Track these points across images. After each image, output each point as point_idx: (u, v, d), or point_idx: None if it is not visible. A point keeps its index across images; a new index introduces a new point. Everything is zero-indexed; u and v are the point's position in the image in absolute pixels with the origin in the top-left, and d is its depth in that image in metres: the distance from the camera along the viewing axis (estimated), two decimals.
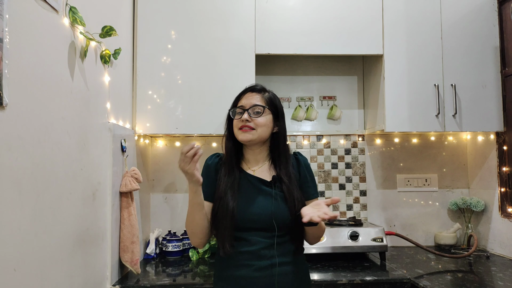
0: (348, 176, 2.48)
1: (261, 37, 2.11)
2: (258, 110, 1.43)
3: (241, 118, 1.42)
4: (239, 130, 1.43)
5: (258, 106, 1.43)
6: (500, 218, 2.21)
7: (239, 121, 1.43)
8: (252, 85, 1.52)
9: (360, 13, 2.16)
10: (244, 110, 1.43)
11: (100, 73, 1.61)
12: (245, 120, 1.41)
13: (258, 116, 1.42)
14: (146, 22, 2.06)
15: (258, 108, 1.43)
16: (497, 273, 1.83)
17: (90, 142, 1.49)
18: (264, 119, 1.43)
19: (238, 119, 1.44)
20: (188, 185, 1.31)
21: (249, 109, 1.42)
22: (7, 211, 0.98)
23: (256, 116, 1.42)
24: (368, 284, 1.73)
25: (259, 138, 1.43)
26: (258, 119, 1.42)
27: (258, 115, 1.42)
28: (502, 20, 2.19)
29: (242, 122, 1.41)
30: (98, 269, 1.56)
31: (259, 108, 1.43)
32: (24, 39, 1.07)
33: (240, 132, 1.43)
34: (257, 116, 1.42)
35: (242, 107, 1.45)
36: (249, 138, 1.41)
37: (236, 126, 1.44)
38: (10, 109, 1.00)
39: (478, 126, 2.16)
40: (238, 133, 1.43)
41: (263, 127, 1.43)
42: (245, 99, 1.46)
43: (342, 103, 2.53)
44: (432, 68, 2.16)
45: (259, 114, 1.43)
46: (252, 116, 1.42)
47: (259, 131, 1.42)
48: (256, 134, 1.42)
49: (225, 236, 1.35)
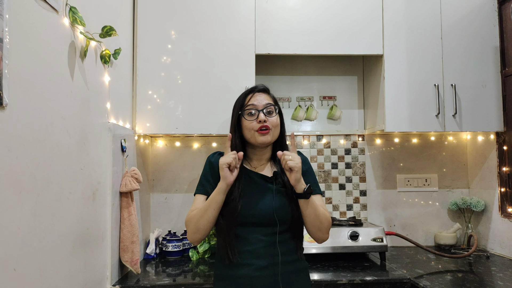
0: (348, 176, 2.49)
1: (261, 37, 2.11)
2: (270, 109, 1.42)
3: (257, 119, 1.39)
4: (256, 132, 1.39)
5: (271, 105, 1.43)
6: (500, 218, 2.21)
7: (254, 122, 1.39)
8: (256, 86, 1.49)
9: (360, 13, 2.16)
10: (258, 110, 1.41)
11: (100, 73, 1.61)
12: (263, 121, 1.38)
13: (271, 116, 1.42)
14: (146, 22, 2.06)
15: (271, 107, 1.42)
16: (497, 273, 1.83)
17: (90, 142, 1.49)
18: (276, 119, 1.43)
19: (253, 120, 1.40)
20: (221, 182, 1.32)
21: (264, 109, 1.41)
22: (7, 211, 0.98)
23: (270, 116, 1.41)
24: (368, 284, 1.73)
25: (274, 138, 1.43)
26: (272, 119, 1.41)
27: (271, 115, 1.42)
28: (502, 20, 2.19)
29: (259, 123, 1.38)
30: (98, 269, 1.56)
31: (271, 107, 1.42)
32: (24, 39, 1.07)
33: (258, 134, 1.39)
34: (271, 116, 1.42)
35: (255, 106, 1.41)
36: (269, 140, 1.41)
37: (252, 128, 1.40)
38: (10, 109, 1.00)
39: (478, 126, 2.16)
40: (257, 135, 1.39)
41: (277, 127, 1.43)
42: (255, 99, 1.43)
43: (342, 103, 2.53)
44: (432, 68, 2.16)
45: (271, 114, 1.42)
46: (267, 116, 1.41)
47: (274, 131, 1.42)
48: (272, 135, 1.41)
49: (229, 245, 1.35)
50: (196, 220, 1.36)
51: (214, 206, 1.33)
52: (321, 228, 1.38)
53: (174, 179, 2.40)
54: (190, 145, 2.42)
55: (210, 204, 1.34)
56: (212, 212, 1.34)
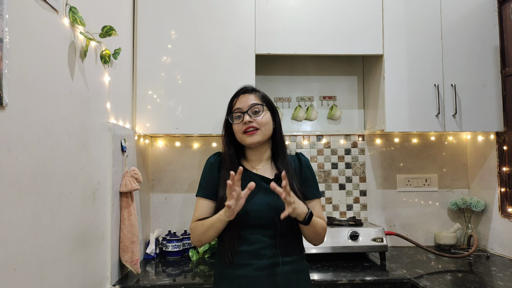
0: (348, 176, 2.48)
1: (261, 37, 2.11)
2: (257, 109, 1.42)
3: (242, 121, 1.40)
4: (244, 134, 1.40)
5: (256, 104, 1.42)
6: (500, 218, 2.21)
7: (240, 124, 1.41)
8: (242, 87, 1.50)
9: (360, 13, 2.16)
10: (243, 112, 1.41)
11: (100, 73, 1.61)
12: (248, 122, 1.39)
13: (258, 115, 1.41)
14: (146, 22, 2.06)
15: (257, 107, 1.42)
16: (497, 273, 1.83)
17: (90, 142, 1.49)
18: (265, 117, 1.43)
19: (239, 123, 1.41)
20: (223, 215, 1.29)
21: (248, 110, 1.41)
22: (7, 211, 0.98)
23: (256, 116, 1.41)
24: (368, 284, 1.73)
25: (265, 137, 1.43)
26: (259, 118, 1.41)
27: (258, 114, 1.41)
28: (502, 20, 2.19)
29: (244, 124, 1.39)
30: (98, 269, 1.56)
31: (257, 107, 1.42)
32: (24, 39, 1.07)
33: (245, 136, 1.40)
34: (257, 115, 1.41)
35: (240, 109, 1.43)
36: (257, 140, 1.41)
37: (240, 130, 1.42)
38: (10, 109, 1.00)
39: (478, 126, 2.16)
40: (244, 137, 1.41)
41: (266, 125, 1.42)
42: (240, 101, 1.44)
43: (342, 103, 2.53)
44: (432, 68, 2.16)
45: (258, 113, 1.42)
46: (253, 116, 1.41)
47: (263, 130, 1.41)
48: (262, 134, 1.41)
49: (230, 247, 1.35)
50: (199, 234, 1.39)
51: (214, 230, 1.34)
52: (319, 238, 1.43)
53: (174, 179, 2.40)
54: (190, 145, 2.42)
55: (211, 227, 1.34)
56: (213, 233, 1.35)
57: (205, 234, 1.37)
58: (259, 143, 1.42)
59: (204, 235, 1.37)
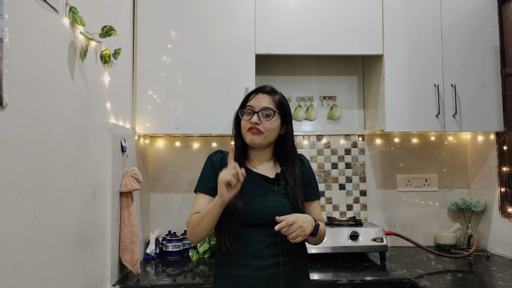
0: (348, 176, 2.48)
1: (261, 37, 2.11)
2: (268, 113, 1.41)
3: (250, 120, 1.40)
4: (247, 131, 1.41)
5: (268, 109, 1.41)
6: (500, 218, 2.21)
7: (247, 122, 1.41)
8: (262, 86, 1.49)
9: (360, 13, 2.16)
10: (254, 112, 1.41)
11: (100, 73, 1.61)
12: (254, 123, 1.39)
13: (267, 119, 1.40)
14: (146, 22, 2.06)
15: (268, 111, 1.41)
16: (497, 273, 1.83)
17: (90, 142, 1.49)
18: (273, 124, 1.41)
19: (247, 120, 1.41)
20: (218, 198, 1.28)
21: (259, 112, 1.40)
22: (7, 211, 0.98)
23: (265, 120, 1.40)
24: (368, 284, 1.73)
25: (266, 141, 1.42)
26: (267, 124, 1.40)
27: (267, 119, 1.40)
28: (502, 20, 2.19)
29: (251, 123, 1.39)
30: (98, 269, 1.56)
31: (269, 111, 1.41)
32: (24, 39, 1.07)
33: (248, 133, 1.41)
34: (267, 119, 1.40)
35: (252, 108, 1.42)
36: (257, 142, 1.41)
37: (245, 127, 1.42)
38: (10, 109, 1.00)
39: (478, 126, 2.16)
40: (247, 134, 1.41)
41: (271, 131, 1.42)
42: (255, 100, 1.44)
43: (342, 103, 2.53)
44: (432, 68, 2.16)
45: (268, 117, 1.40)
46: (262, 119, 1.40)
47: (266, 135, 1.41)
48: (264, 138, 1.41)
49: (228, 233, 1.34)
50: (193, 226, 1.37)
51: (210, 217, 1.32)
52: (319, 241, 1.44)
53: (174, 179, 2.40)
54: (190, 145, 2.42)
55: (206, 215, 1.32)
56: (208, 222, 1.33)
57: (200, 224, 1.33)
58: (258, 145, 1.42)
59: (199, 224, 1.33)
